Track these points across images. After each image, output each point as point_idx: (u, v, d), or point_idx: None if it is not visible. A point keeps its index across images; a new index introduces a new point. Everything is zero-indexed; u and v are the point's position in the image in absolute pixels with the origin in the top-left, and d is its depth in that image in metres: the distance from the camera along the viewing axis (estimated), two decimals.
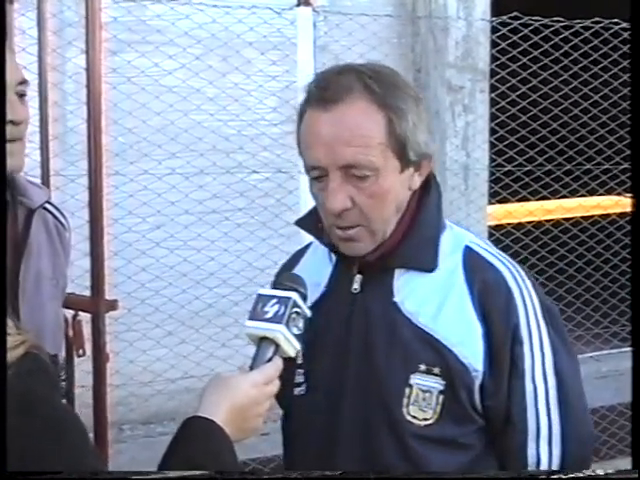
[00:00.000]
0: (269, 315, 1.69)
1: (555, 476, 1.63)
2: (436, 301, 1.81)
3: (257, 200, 4.94)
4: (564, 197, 6.02)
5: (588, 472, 1.64)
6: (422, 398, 1.79)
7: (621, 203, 5.81)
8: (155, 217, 4.69)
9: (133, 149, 4.60)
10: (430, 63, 5.32)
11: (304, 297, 1.73)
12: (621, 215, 5.71)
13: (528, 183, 5.57)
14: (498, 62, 5.23)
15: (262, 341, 1.69)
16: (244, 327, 1.72)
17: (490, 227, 5.50)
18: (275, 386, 1.67)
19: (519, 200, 5.77)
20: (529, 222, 5.91)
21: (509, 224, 5.69)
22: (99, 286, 3.15)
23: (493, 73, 5.28)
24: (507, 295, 1.81)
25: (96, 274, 3.15)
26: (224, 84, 4.81)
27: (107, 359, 3.17)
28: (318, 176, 1.77)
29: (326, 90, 1.75)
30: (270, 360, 1.67)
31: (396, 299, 1.83)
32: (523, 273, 1.86)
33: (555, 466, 1.81)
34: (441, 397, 1.79)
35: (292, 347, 1.70)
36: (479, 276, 1.81)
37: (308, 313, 1.72)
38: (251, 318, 1.71)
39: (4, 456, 1.30)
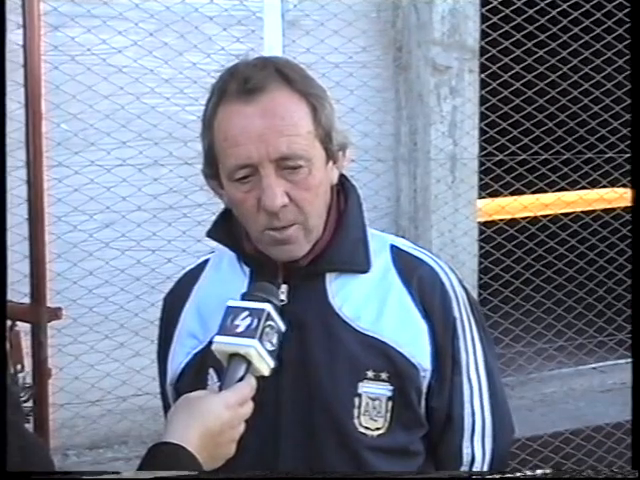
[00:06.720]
0: (240, 329, 1.70)
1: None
2: (375, 303, 1.94)
3: None
4: (563, 190, 6.03)
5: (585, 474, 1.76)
6: (372, 407, 1.90)
7: (626, 196, 5.81)
8: (104, 214, 4.65)
9: (78, 137, 4.56)
10: (413, 40, 5.30)
11: (278, 309, 1.76)
12: (627, 209, 5.71)
13: (522, 174, 5.57)
14: (489, 39, 5.23)
15: (232, 358, 1.70)
16: (213, 342, 1.73)
17: (480, 223, 5.49)
18: (249, 407, 1.71)
19: (512, 193, 5.78)
20: (524, 218, 5.92)
21: (501, 220, 5.69)
22: (40, 292, 3.15)
23: (483, 51, 5.28)
24: (442, 290, 1.97)
25: (36, 279, 3.15)
26: (181, 64, 4.78)
27: (49, 375, 3.17)
28: (244, 176, 1.84)
29: (246, 82, 1.83)
30: (242, 379, 1.69)
31: (333, 306, 1.93)
32: (448, 267, 2.03)
33: (487, 462, 1.98)
34: (390, 403, 1.91)
35: (265, 365, 1.71)
36: (414, 273, 1.96)
37: (282, 327, 1.74)
38: (220, 333, 1.72)
39: (4, 456, 1.39)
